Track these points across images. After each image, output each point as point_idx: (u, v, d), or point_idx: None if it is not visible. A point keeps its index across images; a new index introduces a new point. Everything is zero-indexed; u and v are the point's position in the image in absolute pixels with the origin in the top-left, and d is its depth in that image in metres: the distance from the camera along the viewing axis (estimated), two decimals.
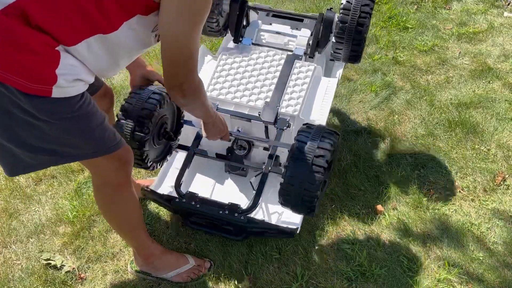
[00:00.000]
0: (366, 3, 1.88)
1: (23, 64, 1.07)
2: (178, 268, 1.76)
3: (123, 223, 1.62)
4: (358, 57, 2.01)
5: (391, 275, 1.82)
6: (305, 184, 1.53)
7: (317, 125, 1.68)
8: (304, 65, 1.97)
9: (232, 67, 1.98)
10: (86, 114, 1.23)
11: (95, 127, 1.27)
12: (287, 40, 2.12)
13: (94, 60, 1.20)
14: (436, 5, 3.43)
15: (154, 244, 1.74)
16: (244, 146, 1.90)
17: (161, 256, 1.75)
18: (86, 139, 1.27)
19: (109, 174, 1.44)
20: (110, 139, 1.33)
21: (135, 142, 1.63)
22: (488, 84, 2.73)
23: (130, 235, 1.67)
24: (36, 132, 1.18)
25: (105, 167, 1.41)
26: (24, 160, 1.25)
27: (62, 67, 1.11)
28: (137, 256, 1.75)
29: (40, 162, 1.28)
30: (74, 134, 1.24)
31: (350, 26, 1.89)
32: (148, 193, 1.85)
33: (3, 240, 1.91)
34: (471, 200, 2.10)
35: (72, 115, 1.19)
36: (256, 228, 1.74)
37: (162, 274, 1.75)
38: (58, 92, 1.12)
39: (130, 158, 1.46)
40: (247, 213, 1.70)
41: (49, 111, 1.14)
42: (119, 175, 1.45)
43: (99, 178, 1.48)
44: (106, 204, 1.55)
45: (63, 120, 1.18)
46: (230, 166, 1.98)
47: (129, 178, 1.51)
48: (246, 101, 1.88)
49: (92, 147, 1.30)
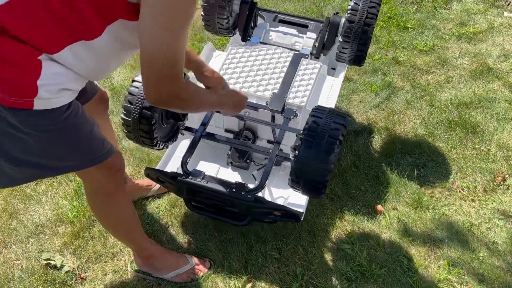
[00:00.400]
0: (373, 5, 1.98)
1: (1, 77, 1.03)
2: (178, 268, 1.76)
3: (119, 228, 1.62)
4: (362, 58, 2.07)
5: (391, 275, 1.82)
6: (320, 157, 1.52)
7: (329, 107, 1.69)
8: (311, 63, 2.03)
9: (241, 61, 2.03)
10: (72, 125, 1.18)
11: (82, 138, 1.23)
12: (293, 41, 2.20)
13: (82, 65, 1.15)
14: (436, 5, 3.43)
15: (153, 245, 1.74)
16: (249, 137, 1.92)
17: (161, 256, 1.75)
18: (73, 151, 1.24)
19: (100, 182, 1.42)
20: (98, 149, 1.30)
21: (144, 119, 1.63)
22: (488, 84, 2.73)
23: (127, 238, 1.67)
24: (20, 145, 1.14)
25: (95, 176, 1.38)
26: (8, 173, 1.21)
27: (44, 77, 1.07)
28: (137, 257, 1.75)
29: (26, 176, 1.24)
30: (60, 146, 1.20)
31: (358, 25, 1.97)
32: (152, 172, 1.81)
33: (3, 240, 1.91)
34: (471, 200, 2.10)
35: (57, 127, 1.15)
36: (263, 208, 1.69)
37: (162, 274, 1.75)
38: (41, 104, 1.08)
39: (121, 165, 1.44)
40: (254, 192, 1.66)
41: (32, 123, 1.11)
42: (110, 182, 1.43)
43: (91, 185, 1.47)
44: (100, 210, 1.54)
45: (48, 132, 1.14)
46: (234, 157, 1.98)
47: (121, 184, 1.49)
48: (254, 91, 1.91)
49: (80, 158, 1.27)
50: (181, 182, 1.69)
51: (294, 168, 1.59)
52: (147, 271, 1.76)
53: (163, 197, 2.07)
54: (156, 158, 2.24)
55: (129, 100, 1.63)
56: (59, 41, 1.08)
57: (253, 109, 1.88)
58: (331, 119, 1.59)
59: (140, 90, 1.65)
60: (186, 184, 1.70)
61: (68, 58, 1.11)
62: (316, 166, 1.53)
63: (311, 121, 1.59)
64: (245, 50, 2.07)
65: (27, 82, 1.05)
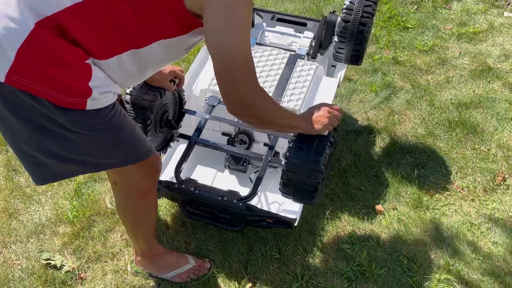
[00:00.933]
0: (369, 4, 1.94)
1: (57, 78, 1.06)
2: (178, 268, 1.76)
3: (140, 227, 1.63)
4: (359, 58, 2.04)
5: (391, 275, 1.82)
6: (309, 163, 1.50)
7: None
8: (306, 64, 2.01)
9: None
10: (118, 124, 1.22)
11: (127, 136, 1.26)
12: (290, 41, 2.18)
13: (121, 74, 1.19)
14: (436, 5, 3.43)
15: (156, 245, 1.75)
16: (245, 141, 1.92)
17: (161, 256, 1.75)
18: (118, 149, 1.27)
19: (137, 181, 1.44)
20: (141, 147, 1.32)
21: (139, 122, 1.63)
22: (488, 84, 2.73)
23: (142, 237, 1.67)
24: (67, 144, 1.17)
25: (134, 174, 1.40)
26: (53, 169, 1.24)
27: (94, 79, 1.11)
28: (138, 256, 1.75)
29: (70, 171, 1.27)
30: (106, 145, 1.23)
31: (353, 25, 1.93)
32: None
33: (3, 240, 1.91)
34: (471, 200, 2.10)
35: (105, 126, 1.18)
36: (255, 216, 1.71)
37: (162, 274, 1.76)
38: (92, 104, 1.12)
39: (160, 166, 1.47)
40: (246, 200, 1.68)
41: (82, 123, 1.14)
42: (147, 182, 1.46)
43: (127, 184, 1.48)
44: (130, 209, 1.56)
45: (96, 131, 1.18)
46: (230, 161, 1.98)
47: (155, 186, 1.52)
48: None
49: (123, 156, 1.30)
50: (174, 190, 1.72)
51: (284, 171, 1.58)
52: (147, 271, 1.76)
53: (163, 197, 2.07)
54: None
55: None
56: (113, 49, 1.13)
57: None
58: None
59: (134, 98, 1.63)
60: (179, 193, 1.72)
61: (114, 66, 1.15)
62: (307, 169, 1.52)
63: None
64: None
65: (81, 84, 1.10)
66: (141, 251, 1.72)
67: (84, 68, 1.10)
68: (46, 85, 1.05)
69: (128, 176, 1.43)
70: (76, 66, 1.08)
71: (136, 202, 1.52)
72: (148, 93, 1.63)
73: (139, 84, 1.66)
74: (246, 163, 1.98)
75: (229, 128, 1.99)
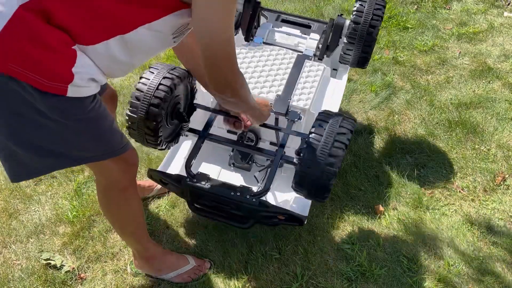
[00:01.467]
0: (378, 7, 1.99)
1: (39, 61, 1.05)
2: (179, 268, 1.76)
3: (127, 225, 1.62)
4: (366, 61, 2.07)
5: (391, 275, 1.82)
6: (326, 160, 1.52)
7: (335, 112, 1.71)
8: (314, 65, 2.03)
9: (244, 61, 2.02)
10: (97, 116, 1.22)
11: (105, 129, 1.26)
12: (297, 41, 2.20)
13: (109, 61, 1.18)
14: (436, 5, 3.43)
15: (154, 246, 1.74)
16: (252, 139, 1.91)
17: (161, 257, 1.74)
18: (96, 142, 1.27)
19: (115, 176, 1.43)
20: (118, 141, 1.32)
21: (151, 116, 1.62)
22: (488, 84, 2.73)
23: (133, 237, 1.67)
24: (45, 134, 1.16)
25: (112, 169, 1.40)
26: (29, 164, 1.23)
27: (78, 65, 1.10)
28: (137, 258, 1.74)
29: (46, 165, 1.26)
30: (84, 136, 1.23)
31: (363, 27, 1.98)
32: (155, 173, 1.80)
33: (3, 240, 1.91)
34: (471, 200, 2.10)
35: (84, 117, 1.18)
36: (267, 212, 1.69)
37: (162, 274, 1.75)
38: (73, 91, 1.11)
39: (136, 160, 1.46)
40: (259, 196, 1.66)
41: (61, 111, 1.13)
42: (125, 177, 1.45)
43: (105, 180, 1.47)
44: (111, 206, 1.55)
45: (75, 121, 1.17)
46: (236, 159, 1.97)
47: (134, 181, 1.51)
48: (257, 93, 1.89)
49: (101, 149, 1.29)
50: (185, 185, 1.69)
51: (298, 172, 1.58)
52: (147, 272, 1.76)
53: (163, 197, 2.07)
54: (156, 159, 2.24)
55: (136, 96, 1.61)
56: (98, 35, 1.11)
57: None
58: (338, 123, 1.59)
59: (148, 87, 1.62)
60: (190, 187, 1.69)
61: (101, 52, 1.14)
62: (321, 170, 1.53)
63: (318, 124, 1.59)
64: (248, 51, 2.06)
65: (64, 68, 1.08)
66: (137, 252, 1.72)
67: (69, 53, 1.09)
68: (27, 67, 1.04)
69: (105, 171, 1.42)
70: (60, 50, 1.07)
71: (116, 198, 1.51)
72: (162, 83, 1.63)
73: (152, 72, 1.66)
74: (251, 161, 1.98)
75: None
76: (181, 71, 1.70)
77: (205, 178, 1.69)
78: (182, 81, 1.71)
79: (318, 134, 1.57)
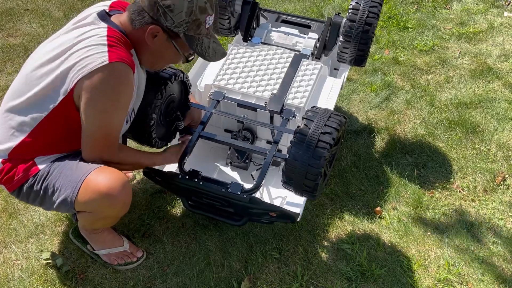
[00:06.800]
0: (374, 4, 1.98)
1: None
2: (111, 248, 1.80)
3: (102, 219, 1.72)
4: (364, 59, 2.06)
5: (391, 275, 1.82)
6: (309, 159, 1.52)
7: (325, 108, 1.69)
8: (311, 64, 2.03)
9: (241, 61, 2.03)
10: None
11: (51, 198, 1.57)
12: (295, 41, 2.21)
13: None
14: (436, 5, 3.43)
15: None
16: (248, 137, 1.92)
17: (101, 232, 1.80)
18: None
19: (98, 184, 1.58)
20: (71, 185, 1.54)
21: (143, 115, 1.64)
22: (488, 84, 2.73)
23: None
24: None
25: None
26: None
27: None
28: (81, 225, 1.81)
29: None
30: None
31: (358, 25, 1.96)
32: (150, 172, 1.80)
33: (3, 240, 1.91)
34: (471, 200, 2.10)
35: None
36: (258, 209, 1.70)
37: (96, 249, 1.81)
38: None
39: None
40: (250, 192, 1.67)
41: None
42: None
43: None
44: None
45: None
46: (233, 158, 1.98)
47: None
48: (253, 92, 1.91)
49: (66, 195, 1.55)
50: (178, 182, 1.71)
51: (284, 169, 1.59)
52: (87, 239, 1.82)
53: (163, 197, 2.07)
54: None
55: None
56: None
57: (252, 110, 1.88)
58: (324, 121, 1.57)
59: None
60: (183, 184, 1.71)
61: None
62: (305, 169, 1.53)
63: (303, 123, 1.59)
64: (245, 51, 2.07)
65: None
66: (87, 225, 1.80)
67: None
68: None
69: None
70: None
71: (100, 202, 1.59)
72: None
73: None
74: (248, 160, 1.98)
75: (232, 125, 1.99)
76: (174, 71, 1.71)
77: (197, 175, 1.71)
78: (175, 80, 1.72)
79: (302, 134, 1.57)
